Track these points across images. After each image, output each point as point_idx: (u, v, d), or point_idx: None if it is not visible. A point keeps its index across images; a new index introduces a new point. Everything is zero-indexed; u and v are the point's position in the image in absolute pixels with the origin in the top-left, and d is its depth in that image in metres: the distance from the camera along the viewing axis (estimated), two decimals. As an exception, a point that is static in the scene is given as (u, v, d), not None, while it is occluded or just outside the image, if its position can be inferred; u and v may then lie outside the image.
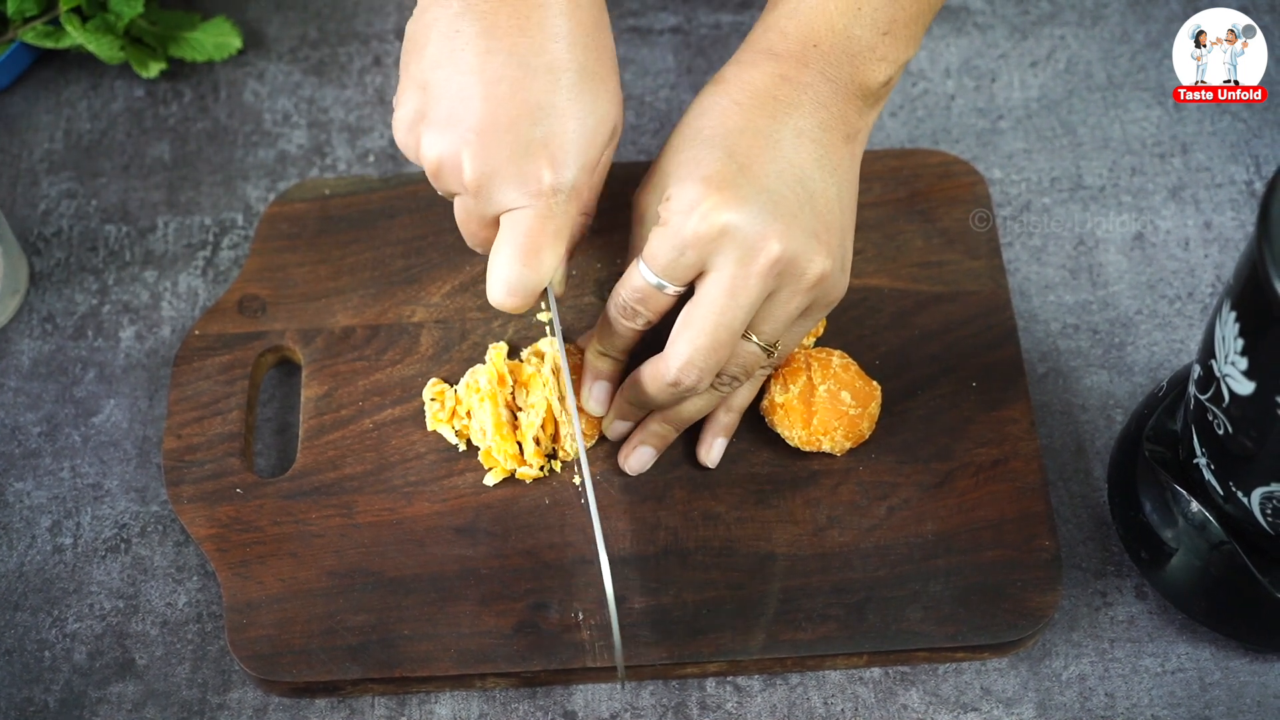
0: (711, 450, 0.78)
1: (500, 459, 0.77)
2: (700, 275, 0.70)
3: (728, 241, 0.68)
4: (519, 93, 0.69)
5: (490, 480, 0.78)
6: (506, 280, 0.71)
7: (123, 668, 0.76)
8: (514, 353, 0.82)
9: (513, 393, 0.78)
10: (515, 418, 0.78)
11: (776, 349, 0.73)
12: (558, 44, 0.70)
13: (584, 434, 0.78)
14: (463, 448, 0.79)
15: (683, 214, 0.69)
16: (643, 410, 0.76)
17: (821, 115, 0.72)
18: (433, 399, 0.80)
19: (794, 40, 0.73)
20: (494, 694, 0.75)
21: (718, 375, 0.73)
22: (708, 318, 0.69)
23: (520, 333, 0.83)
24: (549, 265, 0.71)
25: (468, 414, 0.79)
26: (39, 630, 0.77)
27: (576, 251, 0.77)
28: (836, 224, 0.72)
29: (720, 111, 0.72)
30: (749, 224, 0.68)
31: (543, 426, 0.77)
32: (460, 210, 0.74)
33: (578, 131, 0.70)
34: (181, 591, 0.78)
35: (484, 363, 0.81)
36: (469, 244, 0.76)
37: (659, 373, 0.72)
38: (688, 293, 0.71)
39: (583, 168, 0.71)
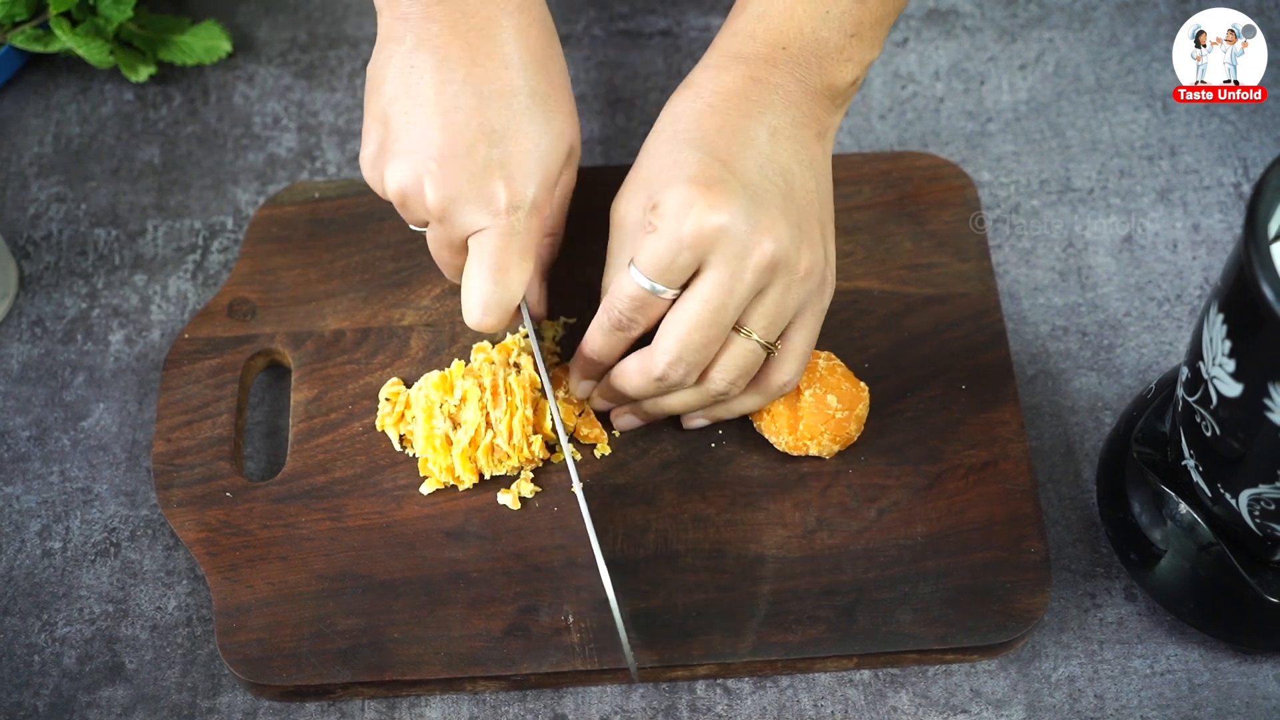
0: (694, 421, 0.79)
1: (435, 470, 0.77)
2: (694, 276, 0.70)
3: (723, 239, 0.69)
4: (474, 118, 0.71)
5: (425, 489, 0.78)
6: (480, 300, 0.72)
7: (112, 672, 0.76)
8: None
9: (457, 406, 0.78)
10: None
11: (776, 347, 0.74)
12: (509, 70, 0.72)
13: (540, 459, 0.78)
14: (411, 453, 0.79)
15: (674, 217, 0.69)
16: (625, 400, 0.77)
17: (794, 113, 0.73)
18: (386, 399, 0.80)
19: (763, 43, 0.74)
20: (484, 697, 0.75)
21: (714, 375, 0.74)
22: (700, 314, 0.70)
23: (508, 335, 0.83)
24: (518, 281, 0.73)
25: (414, 418, 0.79)
26: (28, 634, 0.77)
27: (555, 266, 0.78)
28: (816, 216, 0.73)
29: (695, 114, 0.73)
30: (741, 221, 0.69)
31: (472, 443, 0.77)
32: (431, 240, 0.76)
33: (533, 151, 0.72)
34: (171, 595, 0.78)
35: (470, 363, 0.81)
36: (446, 275, 0.78)
37: (645, 367, 0.73)
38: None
39: (541, 185, 0.73)
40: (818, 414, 0.76)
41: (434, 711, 0.75)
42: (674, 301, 0.72)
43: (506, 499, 0.77)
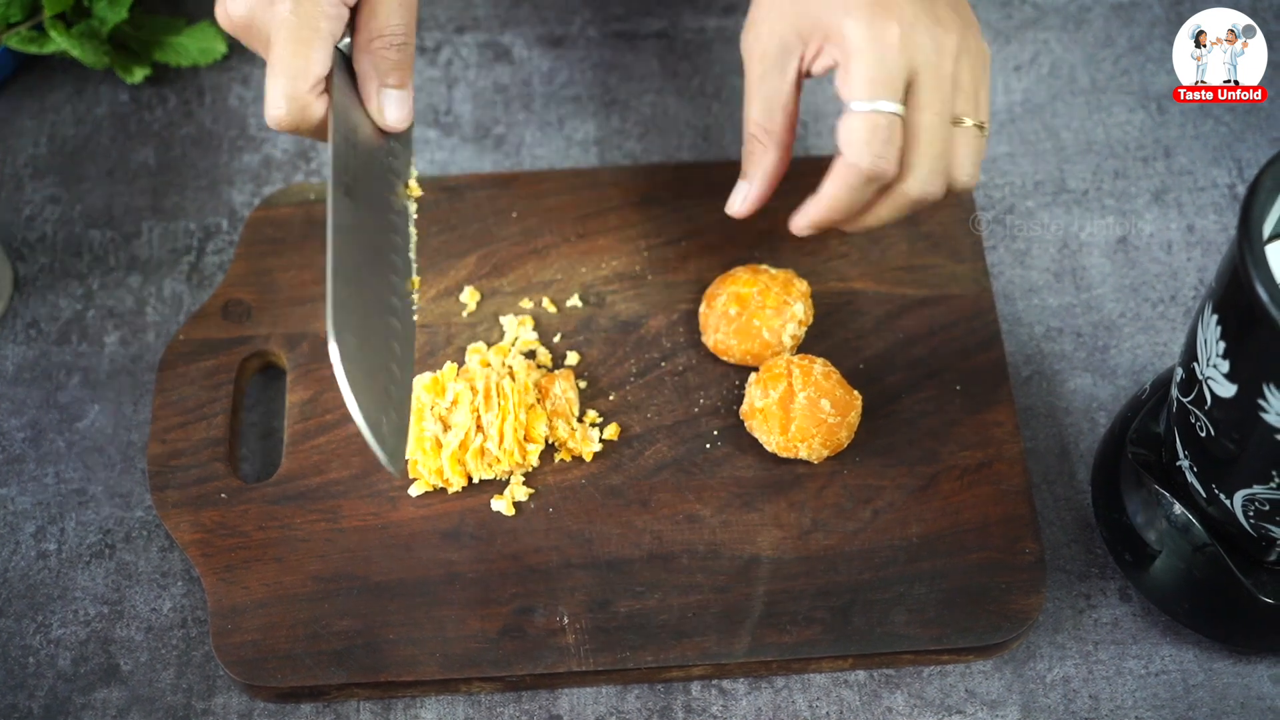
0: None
1: (424, 472, 0.77)
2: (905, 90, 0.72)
3: (917, 43, 0.70)
4: None
5: (414, 491, 0.78)
6: (269, 97, 0.68)
7: (107, 673, 0.76)
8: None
9: (448, 408, 0.78)
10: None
11: (987, 126, 0.75)
12: None
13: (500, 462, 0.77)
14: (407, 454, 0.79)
15: (868, 39, 0.70)
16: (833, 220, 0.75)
17: None
18: None
19: None
20: (479, 698, 0.75)
21: (957, 175, 0.74)
22: (935, 123, 0.71)
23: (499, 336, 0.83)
24: (298, 69, 0.68)
25: None
26: (23, 636, 0.77)
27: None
28: (967, 4, 0.75)
29: None
30: (924, 18, 0.70)
31: (462, 446, 0.76)
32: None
33: None
34: (166, 597, 0.78)
35: (464, 364, 0.81)
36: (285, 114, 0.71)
37: (898, 195, 0.72)
38: None
39: None
40: (810, 417, 0.76)
41: (429, 713, 0.75)
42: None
43: (500, 505, 0.77)
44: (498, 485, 0.78)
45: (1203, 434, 0.67)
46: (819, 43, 0.72)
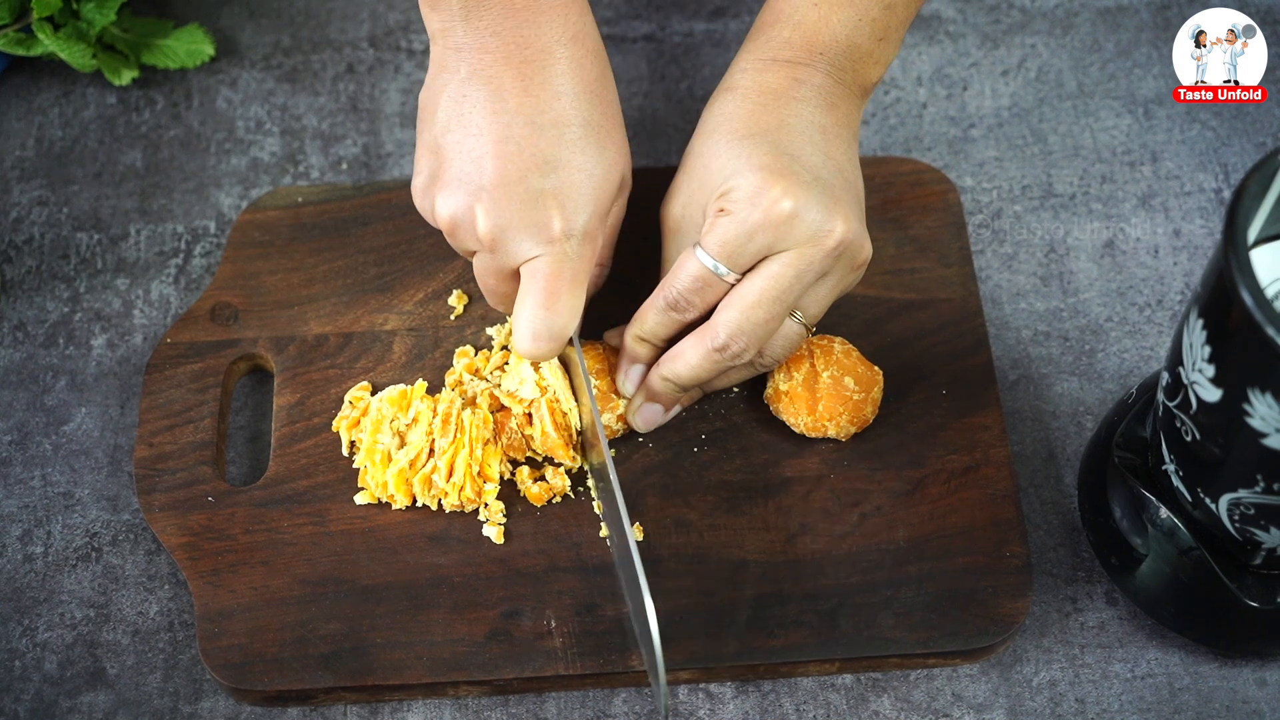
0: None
1: (370, 483, 0.77)
2: (762, 260, 0.72)
3: (798, 225, 0.71)
4: (527, 148, 0.71)
5: (359, 500, 0.77)
6: (532, 327, 0.73)
7: (94, 677, 0.76)
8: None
9: (408, 425, 0.78)
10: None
11: (813, 329, 0.76)
12: (561, 101, 0.72)
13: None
14: (357, 462, 0.79)
15: (749, 201, 0.71)
16: (677, 390, 0.76)
17: (835, 114, 0.75)
18: (350, 402, 0.80)
19: (799, 48, 0.76)
20: (466, 702, 0.75)
21: (767, 354, 0.75)
22: (767, 291, 0.72)
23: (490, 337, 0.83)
24: (570, 309, 0.73)
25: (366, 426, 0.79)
26: (9, 639, 0.77)
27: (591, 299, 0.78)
28: (863, 211, 0.75)
29: (747, 113, 0.74)
30: (815, 208, 0.71)
31: (411, 466, 0.76)
32: (479, 268, 0.76)
33: (585, 181, 0.73)
34: (153, 600, 0.78)
35: (453, 366, 0.81)
36: (491, 303, 0.78)
37: (705, 339, 0.73)
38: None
39: (593, 214, 0.73)
40: (836, 395, 0.77)
41: (416, 716, 0.75)
42: (733, 286, 0.73)
43: (491, 531, 0.77)
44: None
45: (1188, 438, 0.67)
46: (717, 204, 0.73)
